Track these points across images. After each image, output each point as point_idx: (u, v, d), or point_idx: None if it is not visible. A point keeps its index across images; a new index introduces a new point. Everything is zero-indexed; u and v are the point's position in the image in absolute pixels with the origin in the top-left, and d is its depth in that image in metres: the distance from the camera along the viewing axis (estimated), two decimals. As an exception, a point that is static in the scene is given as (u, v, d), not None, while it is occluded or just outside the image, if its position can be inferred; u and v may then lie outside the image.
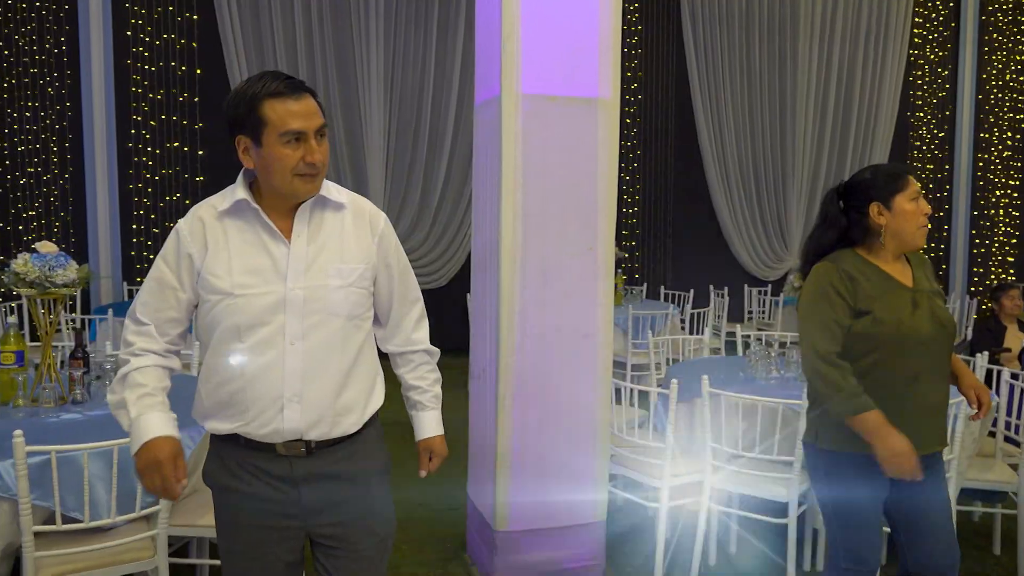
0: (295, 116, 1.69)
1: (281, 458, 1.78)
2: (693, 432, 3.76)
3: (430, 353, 2.06)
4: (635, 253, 9.04)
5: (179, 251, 1.77)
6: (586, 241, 3.24)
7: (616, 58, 3.23)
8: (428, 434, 2.06)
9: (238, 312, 1.73)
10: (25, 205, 7.28)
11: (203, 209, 1.80)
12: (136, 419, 1.71)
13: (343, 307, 1.79)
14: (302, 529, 1.83)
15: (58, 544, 2.43)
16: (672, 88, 9.04)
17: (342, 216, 1.83)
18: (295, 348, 1.74)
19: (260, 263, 1.75)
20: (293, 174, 1.72)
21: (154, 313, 1.79)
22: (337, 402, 1.79)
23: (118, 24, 7.33)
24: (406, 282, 1.96)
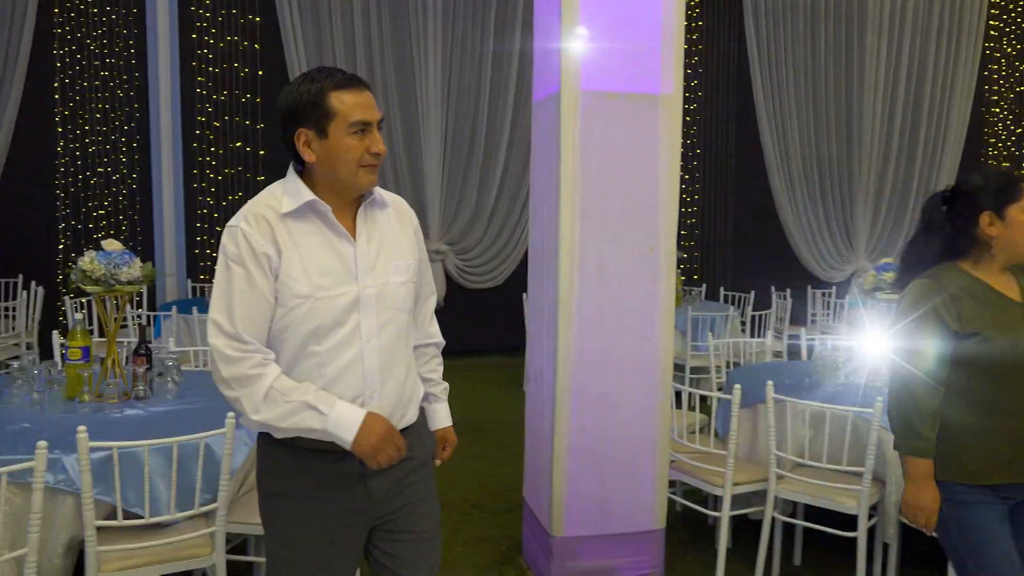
0: (362, 107, 1.72)
1: (351, 456, 1.74)
2: (756, 439, 3.64)
3: (439, 347, 2.10)
4: (694, 254, 8.87)
5: (254, 251, 1.69)
6: (646, 241, 3.15)
7: (679, 53, 3.14)
8: (442, 424, 2.09)
9: (318, 315, 1.71)
10: (95, 204, 7.50)
11: (261, 209, 1.73)
12: (331, 411, 1.69)
13: (406, 302, 1.85)
14: (367, 523, 1.85)
15: (119, 539, 2.46)
16: (733, 85, 8.84)
17: (388, 214, 1.88)
18: (371, 345, 1.77)
19: (331, 264, 1.74)
20: (359, 165, 1.74)
21: (256, 324, 1.70)
22: (403, 393, 1.85)
23: (184, 27, 7.49)
24: (427, 276, 2.00)
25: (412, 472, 1.88)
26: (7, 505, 2.36)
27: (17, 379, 3.02)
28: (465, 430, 2.10)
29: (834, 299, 8.16)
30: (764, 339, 5.12)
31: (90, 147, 7.45)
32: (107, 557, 2.42)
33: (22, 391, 2.99)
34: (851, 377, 3.87)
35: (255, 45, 7.63)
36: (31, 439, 2.38)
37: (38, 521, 2.18)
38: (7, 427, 2.71)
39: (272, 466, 1.81)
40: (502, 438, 5.11)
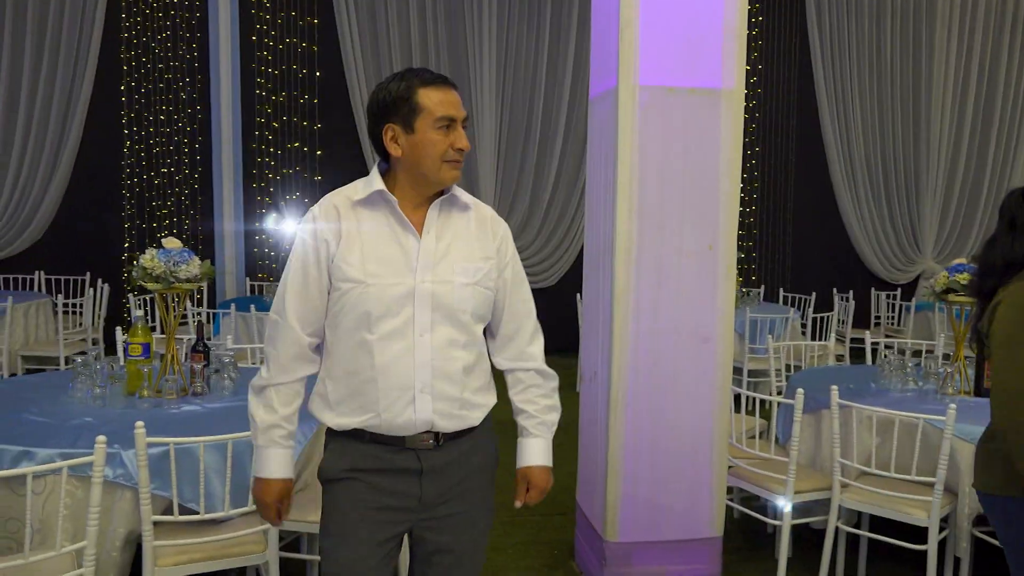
0: (448, 104, 1.76)
1: (408, 451, 1.79)
2: (819, 445, 3.52)
3: (543, 375, 1.98)
4: (752, 254, 8.67)
5: (316, 238, 1.78)
6: (706, 239, 3.07)
7: (742, 46, 3.05)
8: (527, 463, 1.96)
9: (369, 300, 1.74)
10: (158, 204, 7.69)
11: (337, 198, 1.82)
12: (259, 449, 1.85)
13: (469, 304, 1.80)
14: (411, 522, 1.84)
15: (175, 534, 2.48)
16: (794, 80, 8.62)
17: (468, 217, 1.86)
18: (423, 340, 1.76)
19: (391, 254, 1.77)
20: (443, 160, 1.76)
21: (307, 312, 1.81)
22: (463, 394, 1.81)
23: (244, 30, 7.63)
24: (520, 293, 1.94)
25: (467, 479, 1.86)
26: (68, 498, 2.40)
27: (80, 374, 3.08)
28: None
29: (899, 301, 7.90)
30: (826, 342, 4.97)
31: (154, 148, 7.64)
32: (163, 551, 2.44)
33: (85, 386, 3.05)
34: (921, 383, 3.71)
35: (313, 47, 7.73)
36: (92, 433, 2.42)
37: (96, 514, 2.20)
38: (70, 421, 2.76)
39: (340, 451, 1.83)
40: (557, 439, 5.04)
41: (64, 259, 7.37)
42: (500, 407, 1.96)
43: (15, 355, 5.67)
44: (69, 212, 7.56)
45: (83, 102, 7.42)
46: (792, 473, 3.14)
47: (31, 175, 7.44)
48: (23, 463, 2.44)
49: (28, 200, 7.46)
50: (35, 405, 2.96)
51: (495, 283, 1.86)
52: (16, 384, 3.45)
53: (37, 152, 7.42)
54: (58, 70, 7.36)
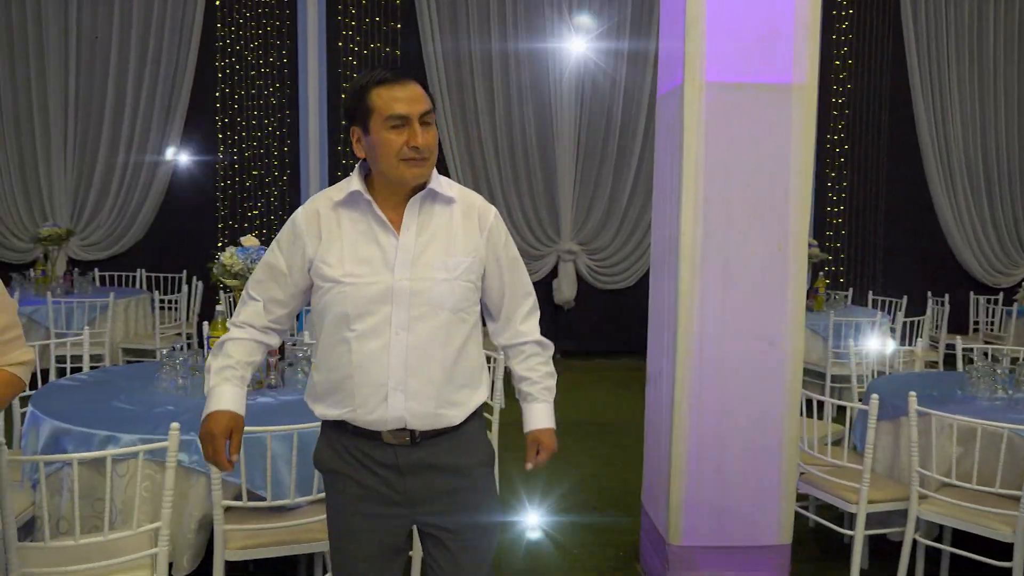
0: (399, 101, 1.74)
1: (387, 446, 1.82)
2: (898, 454, 3.38)
3: (541, 345, 2.00)
4: (840, 255, 8.36)
5: (294, 238, 1.85)
6: (775, 239, 2.99)
7: (814, 39, 2.96)
8: (535, 426, 1.98)
9: (347, 300, 1.78)
10: (248, 205, 8.02)
11: (320, 200, 1.86)
12: (211, 389, 1.85)
13: (448, 300, 1.81)
14: (407, 517, 1.87)
15: (245, 519, 2.60)
16: (886, 75, 8.26)
17: (451, 210, 1.86)
18: (400, 338, 1.78)
19: (370, 253, 1.80)
20: (399, 159, 1.76)
21: (264, 292, 1.90)
22: (441, 394, 1.82)
23: (331, 36, 7.87)
24: (517, 275, 1.95)
25: (456, 477, 1.86)
26: (148, 481, 2.55)
27: (166, 366, 3.26)
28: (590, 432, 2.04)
29: (1000, 306, 7.47)
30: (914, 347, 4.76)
31: (246, 152, 7.97)
32: (233, 535, 2.56)
33: (169, 377, 3.22)
34: (1011, 391, 3.51)
35: (396, 51, 7.90)
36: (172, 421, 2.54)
37: (170, 497, 2.32)
38: (153, 409, 2.92)
39: (326, 443, 1.91)
40: (625, 441, 5.02)
41: (163, 258, 7.77)
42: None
43: (116, 347, 6.01)
44: (168, 214, 7.97)
45: (181, 109, 7.80)
46: (866, 482, 3.02)
47: (134, 180, 7.88)
48: (109, 447, 2.59)
49: (131, 203, 7.90)
50: (124, 393, 3.14)
51: (478, 276, 1.86)
52: (110, 374, 3.67)
53: (140, 158, 7.84)
54: (159, 79, 7.77)
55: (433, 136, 1.80)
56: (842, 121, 8.21)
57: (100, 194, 7.90)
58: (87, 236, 7.92)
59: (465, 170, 7.94)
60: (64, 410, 2.85)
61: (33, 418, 2.86)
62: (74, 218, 7.89)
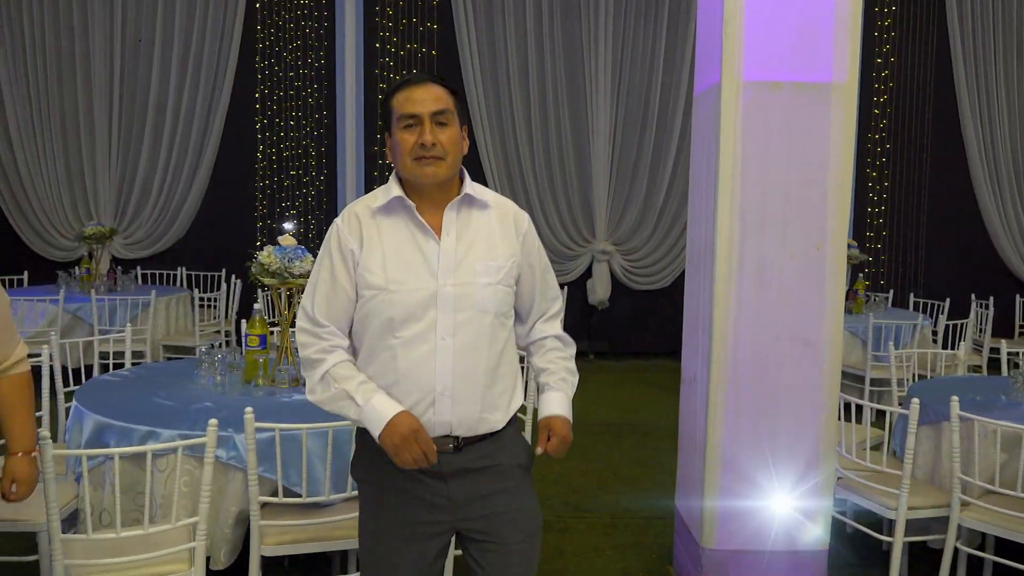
0: (411, 101, 1.78)
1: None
2: (939, 460, 3.31)
3: (562, 340, 2.00)
4: (880, 256, 8.21)
5: (341, 247, 1.83)
6: (812, 240, 2.95)
7: (855, 37, 2.91)
8: (548, 412, 1.92)
9: (392, 307, 1.77)
10: (287, 205, 8.12)
11: (358, 207, 1.87)
12: (366, 405, 1.77)
13: (491, 304, 1.81)
14: (450, 524, 1.85)
15: (280, 515, 2.63)
16: (931, 72, 8.09)
17: (488, 215, 1.87)
18: (446, 344, 1.77)
19: (412, 259, 1.80)
20: (411, 157, 1.77)
21: (332, 312, 1.83)
22: (485, 398, 1.82)
23: (368, 37, 7.94)
24: (547, 280, 1.97)
25: (497, 479, 1.85)
26: (187, 476, 2.60)
27: (204, 363, 3.32)
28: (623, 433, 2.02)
29: (1049, 310, 7.28)
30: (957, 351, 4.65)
31: (284, 152, 8.07)
32: (269, 531, 2.59)
33: (207, 373, 3.28)
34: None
35: (432, 52, 7.95)
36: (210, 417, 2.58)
37: (208, 492, 2.37)
38: (192, 405, 2.98)
39: (363, 452, 1.89)
40: (659, 442, 4.99)
41: (203, 256, 7.92)
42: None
43: (157, 344, 6.13)
44: (208, 213, 8.11)
45: (221, 111, 7.93)
46: (905, 487, 2.97)
47: (175, 180, 8.03)
48: (149, 442, 2.65)
49: (173, 202, 8.06)
50: (164, 389, 3.20)
51: (515, 279, 1.87)
52: (151, 370, 3.75)
53: (181, 159, 8.00)
54: (200, 82, 7.91)
55: (448, 136, 1.78)
56: (884, 120, 8.06)
57: (142, 194, 8.07)
58: (130, 235, 8.09)
59: (500, 170, 7.95)
60: (107, 405, 2.92)
61: (77, 413, 2.93)
62: (117, 217, 8.07)
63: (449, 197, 1.83)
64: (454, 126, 1.80)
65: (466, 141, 1.87)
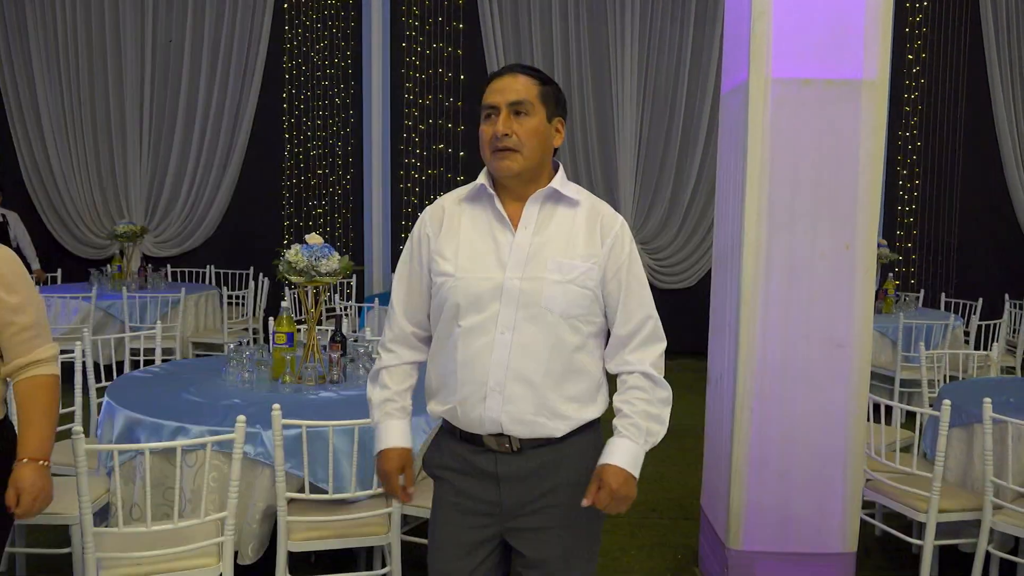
0: (492, 92, 1.76)
1: (487, 452, 1.78)
2: (971, 462, 3.25)
3: (649, 378, 1.78)
4: (911, 256, 8.09)
5: (420, 232, 1.86)
6: (842, 239, 2.91)
7: (886, 33, 2.87)
8: (604, 460, 1.74)
9: (459, 293, 1.76)
10: (314, 203, 8.19)
11: (448, 198, 1.88)
12: (377, 425, 1.88)
13: (558, 303, 1.72)
14: (497, 528, 1.82)
15: (307, 511, 2.65)
16: (963, 69, 7.95)
17: (575, 213, 1.80)
18: (504, 338, 1.72)
19: (485, 249, 1.77)
20: (489, 149, 1.75)
21: (405, 297, 1.88)
22: (543, 401, 1.73)
23: (395, 37, 7.97)
24: (636, 294, 1.79)
25: (550, 493, 1.77)
26: (215, 472, 2.63)
27: (232, 360, 3.35)
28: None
29: (1085, 310, 7.12)
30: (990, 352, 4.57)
31: (311, 151, 8.14)
32: (295, 527, 2.62)
33: (236, 370, 3.32)
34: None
35: (458, 51, 7.96)
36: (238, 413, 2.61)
37: (236, 487, 2.39)
38: (220, 402, 3.01)
39: (437, 444, 1.90)
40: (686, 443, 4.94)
41: (231, 254, 8.00)
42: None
43: (187, 341, 6.21)
44: (236, 212, 8.19)
45: (250, 111, 8.01)
46: (936, 490, 2.92)
47: (205, 179, 8.12)
48: (179, 437, 2.68)
49: (202, 201, 8.15)
50: (194, 386, 3.24)
51: (597, 284, 1.76)
52: (181, 367, 3.80)
53: (210, 158, 8.10)
54: (229, 82, 7.99)
55: (527, 127, 1.72)
56: (915, 117, 7.94)
57: (173, 193, 8.17)
58: (160, 233, 8.20)
59: (525, 169, 7.94)
60: (137, 401, 2.96)
61: (108, 408, 2.97)
62: (148, 216, 8.18)
63: (536, 190, 1.78)
64: (536, 116, 1.73)
65: (560, 134, 1.80)
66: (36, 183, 8.07)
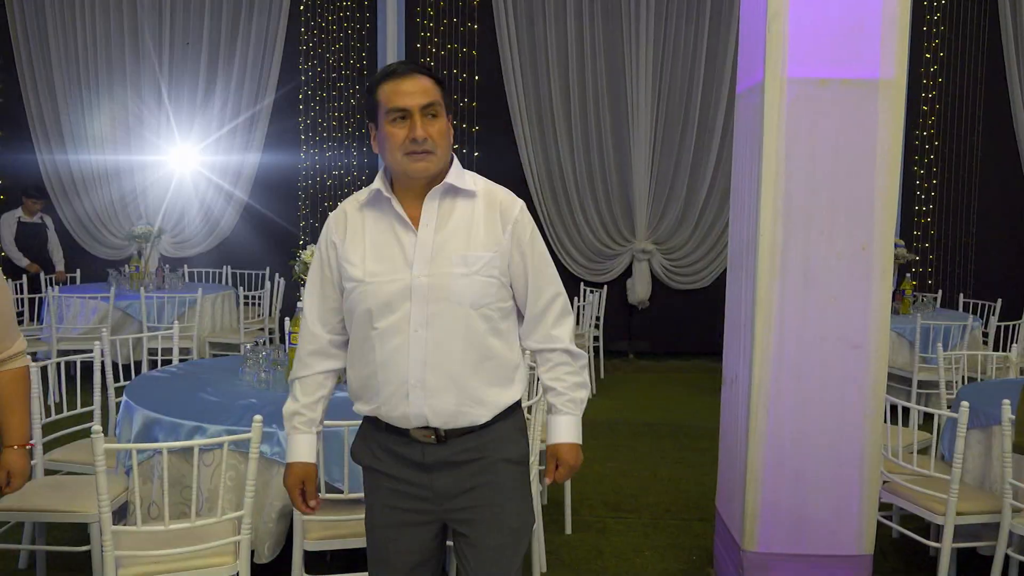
0: (400, 94, 1.74)
1: (414, 443, 1.83)
2: (989, 465, 3.23)
3: (571, 354, 1.91)
4: (928, 256, 8.02)
5: (327, 240, 1.88)
6: (858, 239, 2.90)
7: (903, 32, 2.85)
8: (555, 440, 1.91)
9: (369, 298, 1.79)
10: (329, 204, 8.21)
11: (348, 203, 1.89)
12: (286, 439, 1.98)
13: (467, 296, 1.78)
14: (435, 514, 1.86)
15: (323, 511, 2.62)
16: (981, 68, 7.87)
17: (473, 204, 1.83)
18: (419, 335, 1.77)
19: (390, 252, 1.80)
20: (402, 152, 1.75)
21: (319, 304, 1.90)
22: (463, 391, 1.79)
23: (410, 38, 7.99)
24: (543, 273, 1.88)
25: (480, 473, 1.83)
26: (232, 471, 2.65)
27: (249, 360, 3.38)
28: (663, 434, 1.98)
29: (1106, 311, 7.04)
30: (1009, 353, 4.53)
31: (327, 152, 8.17)
32: (311, 526, 2.63)
33: (252, 370, 3.34)
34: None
35: (472, 52, 7.97)
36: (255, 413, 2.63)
37: (252, 487, 2.41)
38: (237, 401, 3.04)
39: (362, 439, 1.94)
40: (701, 443, 4.95)
41: (247, 255, 8.05)
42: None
43: (203, 341, 6.25)
44: (252, 213, 8.25)
45: (265, 111, 8.06)
46: (954, 492, 2.90)
47: (221, 179, 8.18)
48: (196, 437, 2.71)
49: (218, 201, 8.21)
50: (211, 386, 3.27)
51: (502, 271, 1.81)
52: (197, 367, 3.83)
53: (226, 159, 8.15)
54: (245, 83, 8.04)
55: (439, 128, 1.76)
56: (932, 116, 7.87)
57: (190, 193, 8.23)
58: (177, 234, 8.27)
59: (540, 168, 7.95)
60: (155, 401, 2.99)
61: (127, 408, 3.00)
62: (165, 217, 8.25)
63: (423, 188, 1.81)
64: (442, 118, 1.78)
65: (451, 130, 1.85)
66: (56, 184, 8.15)
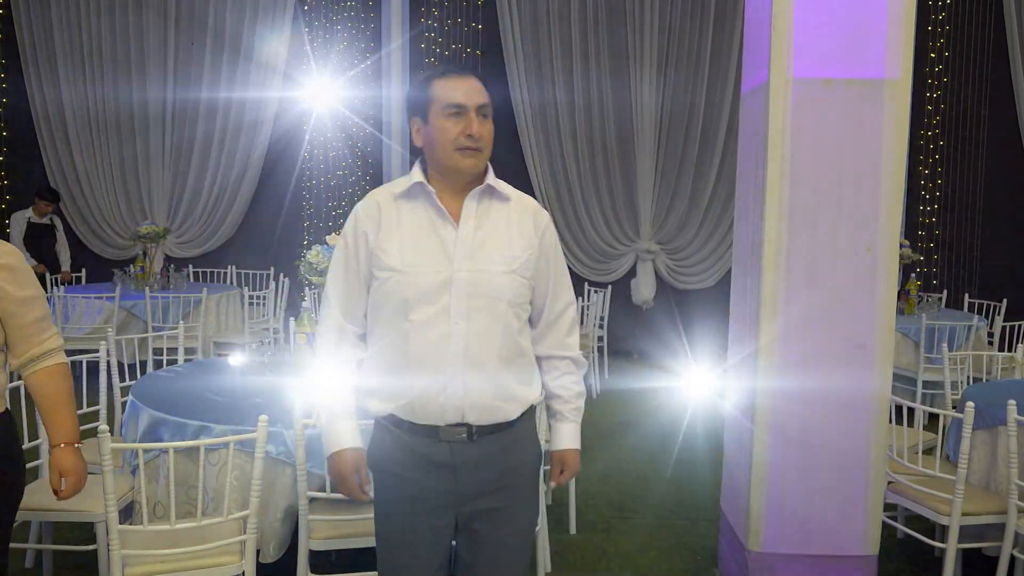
0: (457, 90, 1.80)
1: (442, 443, 1.82)
2: (995, 465, 3.22)
3: (576, 363, 2.00)
4: (933, 256, 8.00)
5: (356, 230, 1.87)
6: (863, 241, 2.89)
7: (908, 32, 2.85)
8: (562, 446, 1.99)
9: (406, 288, 1.80)
10: (333, 204, 8.24)
11: (380, 193, 1.90)
12: (326, 427, 1.91)
13: (505, 293, 1.82)
14: (454, 517, 1.87)
15: (329, 510, 2.67)
16: (987, 68, 7.85)
17: (508, 207, 1.89)
18: (459, 328, 1.78)
19: (429, 243, 1.82)
20: (455, 147, 1.79)
21: (344, 294, 1.89)
22: (498, 387, 1.82)
23: (414, 38, 8.00)
24: (562, 283, 1.96)
25: (506, 474, 1.86)
26: (238, 471, 2.65)
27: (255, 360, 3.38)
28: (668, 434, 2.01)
29: (1112, 311, 7.01)
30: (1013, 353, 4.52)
31: (331, 152, 8.18)
32: (317, 526, 2.64)
33: (259, 370, 3.34)
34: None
35: (477, 52, 7.98)
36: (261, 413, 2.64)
37: (258, 487, 2.42)
38: (243, 402, 3.04)
39: (381, 442, 1.91)
40: (707, 444, 4.95)
41: (252, 255, 8.07)
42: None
43: (208, 340, 6.27)
44: (257, 213, 8.27)
45: (270, 111, 8.07)
46: (959, 493, 2.90)
47: (226, 180, 8.20)
48: (202, 436, 2.71)
49: (223, 202, 8.23)
50: (216, 385, 3.28)
51: (533, 273, 1.87)
52: (203, 366, 3.83)
53: (231, 159, 8.17)
54: (249, 83, 8.06)
55: (489, 129, 1.83)
56: (937, 116, 7.86)
57: (194, 194, 8.26)
58: (182, 234, 8.29)
59: (544, 168, 7.95)
60: (161, 400, 3.00)
61: (133, 407, 3.01)
62: (170, 217, 8.27)
63: (471, 187, 1.86)
64: (491, 121, 1.85)
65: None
66: (61, 185, 8.17)
